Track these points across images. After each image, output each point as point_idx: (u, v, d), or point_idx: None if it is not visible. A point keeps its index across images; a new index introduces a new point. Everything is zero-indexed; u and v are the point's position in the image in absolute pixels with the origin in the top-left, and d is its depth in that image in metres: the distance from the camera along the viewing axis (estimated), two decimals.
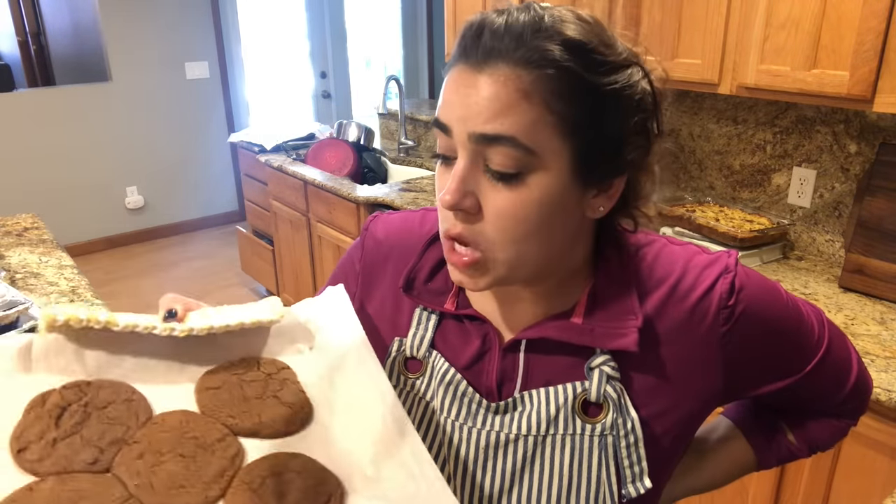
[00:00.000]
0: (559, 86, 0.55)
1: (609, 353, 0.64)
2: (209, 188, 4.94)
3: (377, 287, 0.75)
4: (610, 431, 0.63)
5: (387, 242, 0.76)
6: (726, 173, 2.10)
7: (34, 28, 5.13)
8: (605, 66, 0.57)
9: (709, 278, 0.64)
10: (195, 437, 0.55)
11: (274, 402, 0.59)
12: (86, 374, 0.58)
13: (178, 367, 0.61)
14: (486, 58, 0.56)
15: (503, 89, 0.55)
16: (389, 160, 3.25)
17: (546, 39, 0.55)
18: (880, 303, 1.60)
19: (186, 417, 0.57)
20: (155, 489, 0.51)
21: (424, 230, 0.74)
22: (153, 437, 0.55)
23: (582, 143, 0.57)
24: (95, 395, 0.56)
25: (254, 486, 0.53)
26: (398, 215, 0.78)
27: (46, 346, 0.57)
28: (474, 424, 0.66)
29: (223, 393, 0.59)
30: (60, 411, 0.54)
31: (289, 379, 0.62)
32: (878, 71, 1.39)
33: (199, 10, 4.57)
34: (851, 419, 0.81)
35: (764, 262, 1.85)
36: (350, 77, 5.51)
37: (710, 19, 1.68)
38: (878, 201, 1.61)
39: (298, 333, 0.66)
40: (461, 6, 2.47)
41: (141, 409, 0.57)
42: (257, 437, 0.57)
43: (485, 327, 0.68)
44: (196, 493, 0.52)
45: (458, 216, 0.59)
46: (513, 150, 0.55)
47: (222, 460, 0.54)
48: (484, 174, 0.57)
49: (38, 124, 4.17)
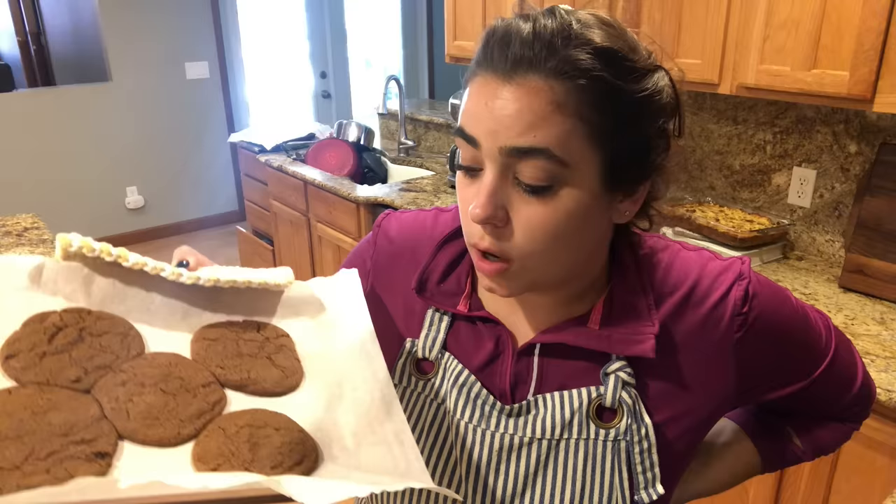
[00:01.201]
0: (592, 96, 0.54)
1: (625, 359, 0.63)
2: (209, 188, 4.94)
3: (388, 285, 0.75)
4: (623, 437, 0.63)
5: (399, 241, 0.75)
6: (726, 173, 2.10)
7: (34, 28, 5.13)
8: (634, 72, 0.56)
9: (723, 285, 0.64)
10: (181, 378, 0.56)
11: (266, 363, 0.60)
12: (89, 304, 0.59)
13: (179, 315, 0.61)
14: (515, 67, 0.54)
15: (536, 101, 0.54)
16: (389, 160, 3.25)
17: (577, 48, 0.54)
18: (880, 303, 1.60)
19: (177, 360, 0.58)
20: (130, 416, 0.52)
21: (437, 231, 0.74)
22: (139, 370, 0.55)
23: (612, 150, 0.56)
24: (93, 323, 0.57)
25: (229, 433, 0.53)
26: (411, 214, 0.78)
27: (57, 270, 0.58)
28: (488, 427, 0.65)
29: (218, 345, 0.60)
30: (56, 330, 0.55)
31: (286, 346, 0.62)
32: (878, 71, 1.39)
33: (199, 10, 4.57)
34: (855, 423, 0.81)
35: (764, 262, 1.85)
36: (350, 77, 5.51)
37: (710, 19, 1.68)
38: (878, 201, 1.61)
39: (304, 306, 0.66)
40: (461, 6, 2.47)
41: (134, 344, 0.58)
42: (243, 392, 0.58)
43: (498, 329, 0.68)
44: (169, 428, 0.52)
45: (487, 228, 0.58)
46: (546, 162, 0.54)
47: (203, 403, 0.55)
48: (514, 186, 0.56)
49: (38, 124, 4.17)
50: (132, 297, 0.60)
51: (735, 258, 0.67)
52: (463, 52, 2.52)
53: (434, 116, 3.28)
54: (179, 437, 0.52)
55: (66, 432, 0.48)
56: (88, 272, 0.59)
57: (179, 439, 0.52)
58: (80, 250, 0.57)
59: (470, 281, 0.70)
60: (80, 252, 0.58)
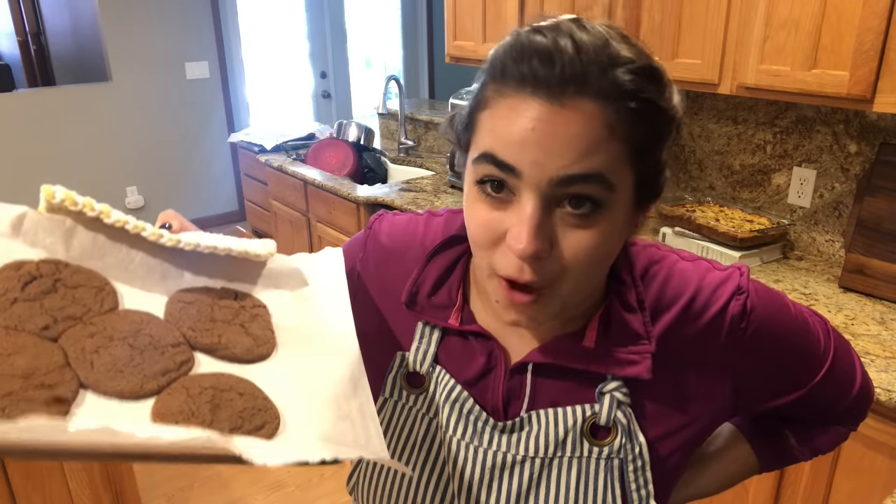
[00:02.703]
0: (639, 116, 0.52)
1: (621, 380, 0.63)
2: (209, 188, 4.94)
3: (377, 291, 0.73)
4: (617, 454, 0.63)
5: (389, 246, 0.74)
6: (726, 173, 2.10)
7: (34, 28, 5.13)
8: (667, 89, 0.55)
9: (721, 299, 0.63)
10: (150, 336, 0.55)
11: (239, 330, 0.60)
12: (68, 257, 0.58)
13: (157, 277, 0.61)
14: (563, 89, 0.50)
15: (589, 126, 0.50)
16: (389, 160, 3.25)
17: (622, 67, 0.51)
18: (880, 303, 1.60)
19: (149, 318, 0.57)
20: (94, 367, 0.52)
21: (427, 237, 0.72)
22: (109, 323, 0.55)
23: (643, 168, 0.55)
24: (69, 275, 0.57)
25: (192, 392, 0.52)
26: (403, 219, 0.76)
27: (39, 221, 0.58)
28: (480, 444, 0.64)
29: (192, 308, 0.59)
30: (30, 279, 0.55)
31: (261, 316, 0.62)
32: (878, 71, 1.39)
33: (199, 10, 4.57)
34: (853, 425, 0.81)
35: (764, 262, 1.85)
36: (350, 77, 5.51)
37: (710, 19, 1.68)
38: (878, 201, 1.61)
39: (284, 279, 0.66)
40: (461, 6, 2.47)
41: (108, 299, 0.57)
42: (212, 356, 0.58)
43: (490, 344, 0.66)
44: (132, 382, 0.52)
45: (528, 261, 0.54)
46: (596, 187, 0.52)
47: (169, 362, 0.54)
48: (556, 213, 0.53)
49: (38, 124, 4.17)
50: (111, 254, 0.59)
51: (733, 268, 0.66)
52: (463, 52, 2.52)
53: (434, 116, 3.28)
54: (141, 392, 0.52)
55: (28, 375, 0.48)
56: (70, 226, 0.58)
57: (141, 393, 0.52)
58: (63, 203, 0.57)
59: (461, 293, 0.68)
60: (63, 205, 0.57)
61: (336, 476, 2.37)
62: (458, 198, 2.52)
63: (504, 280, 0.56)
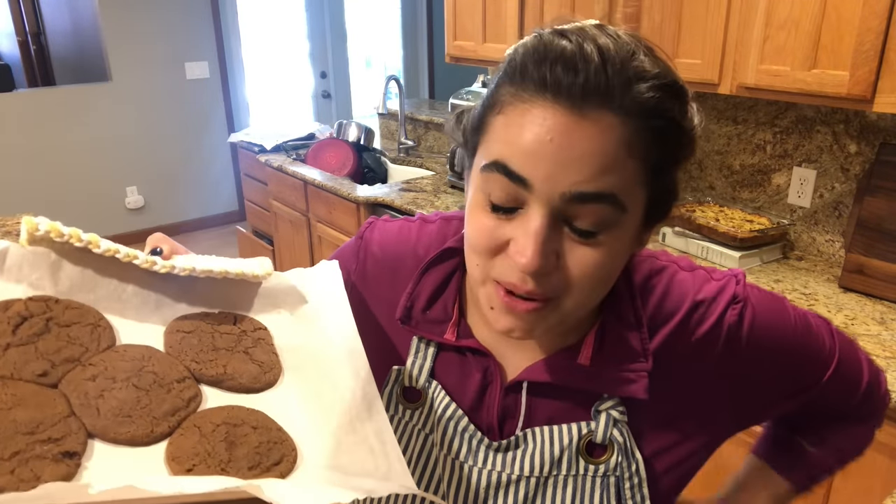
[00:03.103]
0: (659, 135, 0.50)
1: (617, 397, 0.61)
2: (209, 188, 4.94)
3: (371, 302, 0.71)
4: (613, 472, 0.62)
5: (382, 258, 0.71)
6: (726, 173, 2.10)
7: (34, 28, 5.13)
8: (689, 107, 0.52)
9: (717, 310, 0.62)
10: (154, 373, 0.53)
11: (243, 357, 0.57)
12: (56, 292, 0.55)
13: (152, 306, 0.58)
14: (586, 100, 0.47)
15: (608, 142, 0.48)
16: (389, 160, 3.25)
17: (649, 82, 0.48)
18: (880, 303, 1.60)
19: (150, 353, 0.55)
20: (100, 413, 0.49)
21: (420, 246, 0.70)
22: (110, 363, 0.52)
23: (656, 189, 0.53)
24: (61, 313, 0.53)
25: (204, 431, 0.50)
26: (394, 227, 0.73)
27: (23, 256, 0.54)
28: (475, 463, 0.63)
29: (193, 338, 0.57)
30: (21, 320, 0.52)
31: (263, 339, 0.60)
32: (878, 71, 1.39)
33: (199, 10, 4.57)
34: (872, 421, 0.79)
35: (764, 262, 1.85)
36: (350, 77, 5.51)
37: (710, 19, 1.68)
38: (878, 201, 1.61)
39: (283, 298, 0.63)
40: (461, 6, 2.47)
41: (105, 335, 0.55)
42: (219, 388, 0.55)
43: (486, 361, 0.65)
44: (142, 426, 0.49)
45: (532, 274, 0.52)
46: (608, 208, 0.49)
47: (177, 400, 0.52)
48: (563, 229, 0.51)
49: (38, 124, 4.17)
50: (103, 285, 0.56)
51: (729, 276, 0.64)
52: (463, 52, 2.52)
53: (434, 116, 3.28)
54: (152, 436, 0.49)
55: (32, 430, 0.46)
56: (56, 258, 0.55)
57: (152, 438, 0.49)
58: (48, 234, 0.54)
59: (457, 308, 0.66)
60: (48, 236, 0.54)
61: None
62: (459, 198, 2.52)
63: (502, 287, 0.54)
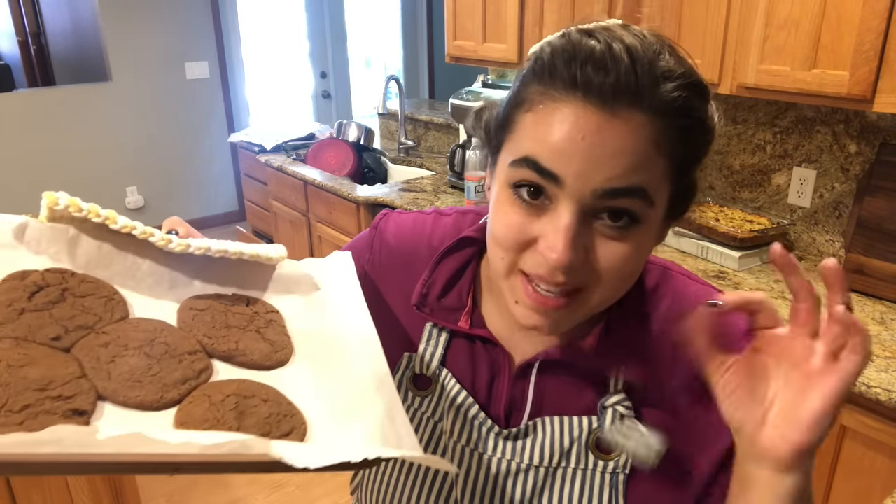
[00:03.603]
0: (685, 133, 0.51)
1: (623, 393, 0.62)
2: (209, 188, 4.94)
3: (385, 292, 0.73)
4: (623, 469, 0.62)
5: (396, 247, 0.73)
6: (726, 173, 2.10)
7: (34, 28, 5.13)
8: (711, 107, 0.54)
9: None
10: (166, 344, 0.54)
11: (255, 336, 0.58)
12: (73, 266, 0.56)
13: (167, 284, 0.59)
14: (617, 99, 0.48)
15: (639, 140, 0.49)
16: (389, 160, 3.25)
17: (675, 81, 0.50)
18: (880, 303, 1.60)
19: (162, 326, 0.55)
20: (111, 377, 0.50)
21: (435, 237, 0.71)
22: (123, 333, 0.53)
23: (679, 185, 0.54)
24: (77, 284, 0.55)
25: (214, 400, 0.50)
26: (409, 218, 0.75)
27: (41, 230, 0.56)
28: (485, 451, 0.64)
29: (206, 315, 0.58)
30: (37, 288, 0.53)
31: (276, 321, 0.61)
32: (878, 71, 1.39)
33: (199, 10, 4.57)
34: None
35: (764, 262, 1.85)
36: (350, 77, 5.51)
37: (710, 19, 1.68)
38: (878, 201, 1.61)
39: (296, 284, 0.64)
40: (461, 6, 2.47)
41: (118, 308, 0.55)
42: (230, 363, 0.56)
43: (496, 351, 0.66)
44: (152, 391, 0.50)
45: (561, 269, 0.52)
46: (637, 202, 0.51)
47: (188, 370, 0.53)
48: (593, 224, 0.52)
49: (38, 124, 4.17)
50: (118, 262, 0.57)
51: None
52: (463, 53, 2.52)
53: (434, 116, 3.28)
54: (162, 401, 0.50)
55: (44, 387, 0.46)
56: (74, 234, 0.57)
57: (162, 403, 0.50)
58: (67, 209, 0.55)
59: (471, 297, 0.67)
60: (67, 212, 0.55)
61: (336, 476, 2.37)
62: (459, 198, 2.52)
63: (527, 278, 0.54)
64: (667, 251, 1.95)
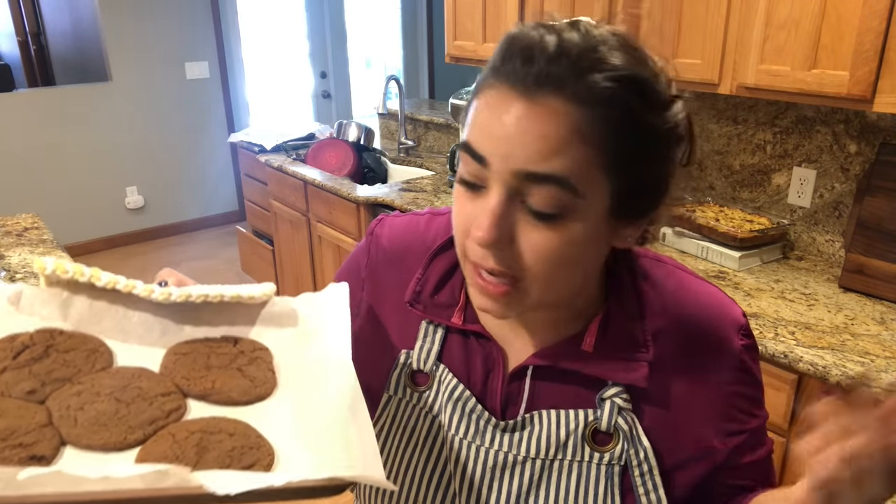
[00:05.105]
0: (615, 126, 0.52)
1: (622, 386, 0.63)
2: (209, 188, 4.94)
3: (383, 294, 0.74)
4: (618, 461, 0.62)
5: (391, 249, 0.74)
6: (726, 173, 2.10)
7: (34, 28, 5.13)
8: (657, 104, 0.54)
9: (726, 329, 0.64)
10: (139, 388, 0.55)
11: (235, 374, 0.59)
12: (65, 325, 0.60)
13: (157, 334, 0.61)
14: (538, 85, 0.51)
15: (558, 126, 0.51)
16: (389, 160, 3.25)
17: (603, 73, 0.51)
18: (880, 303, 1.60)
19: (141, 372, 0.57)
20: (77, 423, 0.51)
21: (429, 237, 0.73)
22: (98, 381, 0.55)
23: (625, 181, 0.54)
24: (64, 341, 0.58)
25: (178, 438, 0.51)
26: (403, 220, 0.76)
27: (35, 294, 0.60)
28: (482, 443, 0.65)
29: (188, 358, 0.60)
30: (23, 348, 0.56)
31: (261, 358, 0.62)
32: (878, 71, 1.39)
33: (199, 10, 4.57)
34: None
35: (764, 262, 1.85)
36: (350, 77, 5.51)
37: (710, 19, 1.67)
38: (878, 201, 1.61)
39: (285, 319, 0.66)
40: (461, 6, 2.47)
41: (101, 359, 0.58)
42: (206, 401, 0.57)
43: (490, 346, 0.67)
44: (116, 433, 0.51)
45: (491, 250, 0.55)
46: (560, 191, 0.52)
47: (157, 411, 0.54)
48: (521, 209, 0.54)
49: (38, 124, 4.17)
50: (109, 316, 0.61)
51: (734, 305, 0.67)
52: (463, 53, 2.52)
53: (434, 116, 3.28)
54: (125, 442, 0.50)
55: (5, 437, 0.48)
56: (67, 295, 0.60)
57: (125, 444, 0.50)
58: (55, 272, 0.59)
59: (464, 293, 0.68)
60: (56, 275, 0.59)
61: None
62: None
63: (475, 266, 0.57)
64: (666, 251, 1.95)
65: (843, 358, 1.35)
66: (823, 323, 1.51)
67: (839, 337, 1.44)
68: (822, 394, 0.51)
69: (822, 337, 1.44)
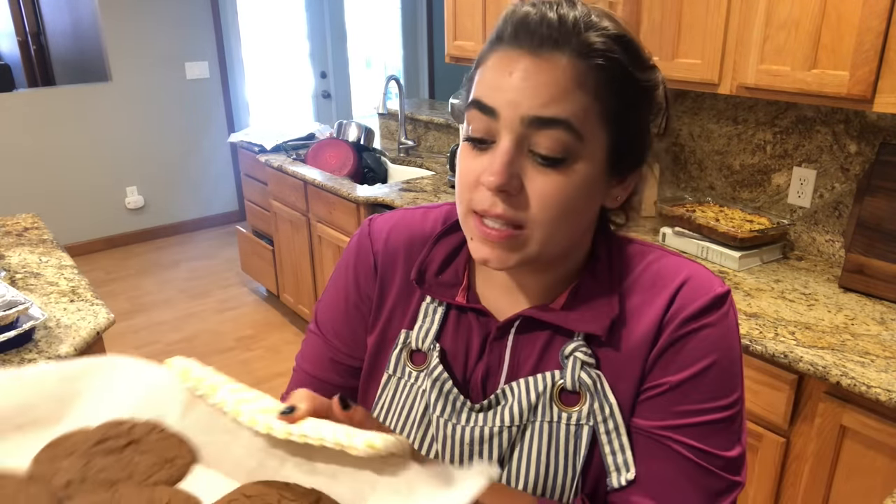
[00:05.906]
0: (608, 76, 0.58)
1: (582, 339, 0.65)
2: (209, 188, 4.94)
3: (390, 285, 0.76)
4: (587, 421, 0.64)
5: (394, 242, 0.76)
6: (726, 173, 2.10)
7: (34, 28, 5.13)
8: (642, 62, 0.61)
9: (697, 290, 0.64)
10: None
11: None
12: (176, 424, 0.56)
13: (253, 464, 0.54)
14: (541, 45, 0.58)
15: (562, 76, 0.57)
16: (389, 160, 3.25)
17: (597, 32, 0.58)
18: (880, 303, 1.60)
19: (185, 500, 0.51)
20: None
21: (427, 228, 0.75)
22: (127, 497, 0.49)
23: (617, 133, 0.60)
24: (152, 440, 0.54)
25: None
26: (397, 215, 0.78)
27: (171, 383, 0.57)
28: (458, 421, 0.67)
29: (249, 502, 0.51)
30: (105, 438, 0.53)
31: None
32: (878, 71, 1.39)
33: (199, 10, 4.57)
34: None
35: (764, 262, 1.85)
36: (350, 77, 5.51)
37: (710, 19, 1.67)
38: (878, 201, 1.61)
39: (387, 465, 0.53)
40: (461, 6, 2.47)
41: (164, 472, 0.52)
42: None
43: (490, 323, 0.69)
44: None
45: (500, 196, 0.59)
46: (564, 134, 0.57)
47: None
48: (528, 157, 0.59)
49: (38, 124, 4.17)
50: (218, 429, 0.54)
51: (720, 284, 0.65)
52: (463, 52, 2.52)
53: (434, 116, 3.28)
54: None
55: None
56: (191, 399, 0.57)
57: None
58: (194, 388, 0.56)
59: (468, 274, 0.72)
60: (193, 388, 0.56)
61: None
62: None
63: (478, 217, 0.61)
64: None
65: (843, 358, 1.35)
66: (823, 323, 1.51)
67: (839, 337, 1.44)
68: None
69: (822, 337, 1.44)
